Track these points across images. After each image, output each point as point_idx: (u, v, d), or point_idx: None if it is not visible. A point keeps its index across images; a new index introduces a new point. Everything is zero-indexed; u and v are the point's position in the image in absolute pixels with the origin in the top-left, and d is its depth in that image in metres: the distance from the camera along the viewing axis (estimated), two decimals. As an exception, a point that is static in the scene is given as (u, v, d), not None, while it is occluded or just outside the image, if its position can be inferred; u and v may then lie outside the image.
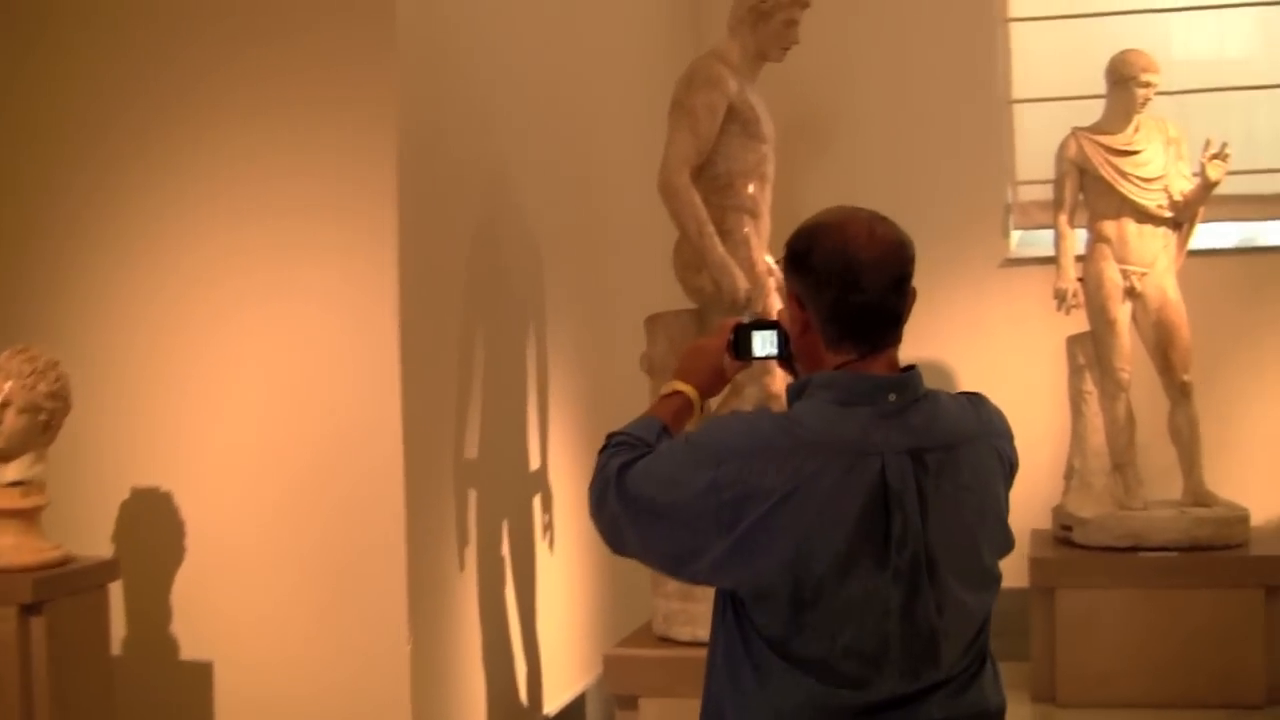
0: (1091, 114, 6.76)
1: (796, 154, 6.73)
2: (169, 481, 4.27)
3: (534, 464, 5.26)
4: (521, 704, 5.09)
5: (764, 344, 2.52)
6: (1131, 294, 6.59)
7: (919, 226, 2.32)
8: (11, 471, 3.72)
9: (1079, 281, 6.67)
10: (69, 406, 3.80)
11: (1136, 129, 6.63)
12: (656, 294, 5.48)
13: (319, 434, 4.18)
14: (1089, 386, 6.70)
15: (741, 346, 2.55)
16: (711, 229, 4.79)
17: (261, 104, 4.22)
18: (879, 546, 2.16)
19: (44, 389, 3.69)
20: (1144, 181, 6.56)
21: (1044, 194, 7.06)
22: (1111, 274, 6.58)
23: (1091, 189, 6.66)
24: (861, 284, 2.22)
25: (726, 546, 2.18)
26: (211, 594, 4.24)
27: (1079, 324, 6.72)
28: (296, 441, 4.20)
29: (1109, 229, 6.61)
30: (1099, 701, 6.24)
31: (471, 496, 4.69)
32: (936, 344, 7.02)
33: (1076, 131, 6.69)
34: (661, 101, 4.98)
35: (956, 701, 2.23)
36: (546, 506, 5.30)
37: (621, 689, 4.91)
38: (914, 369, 2.29)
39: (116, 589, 4.01)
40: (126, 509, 4.28)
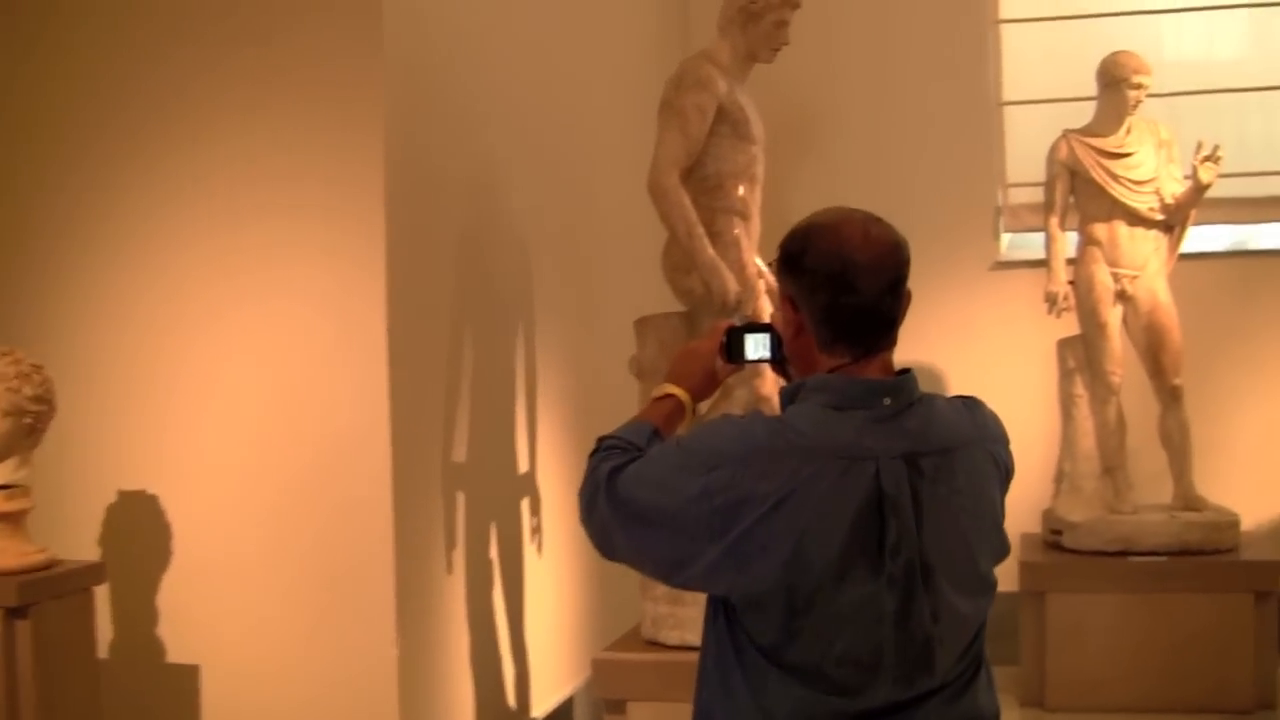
0: (1082, 116, 6.74)
1: (786, 156, 6.71)
2: (155, 484, 4.25)
3: (523, 467, 5.25)
4: (509, 707, 5.07)
5: (756, 347, 2.51)
6: (1122, 297, 6.58)
7: (909, 229, 2.30)
8: (-4, 475, 3.70)
9: (1070, 284, 6.65)
10: (54, 409, 3.77)
11: (1128, 131, 6.62)
12: (646, 296, 5.46)
13: (306, 436, 4.16)
14: (1079, 390, 6.69)
15: (734, 350, 2.54)
16: (701, 231, 4.77)
17: (250, 105, 4.20)
18: (873, 553, 2.13)
19: (28, 392, 3.67)
20: (1135, 184, 6.55)
21: (1035, 196, 7.03)
22: (1102, 277, 6.56)
23: (1082, 191, 6.65)
24: (856, 286, 2.20)
25: (718, 553, 2.15)
26: (198, 597, 4.22)
27: (1069, 327, 6.71)
28: (283, 443, 4.18)
29: (1100, 232, 6.60)
30: (1088, 706, 6.24)
31: (460, 499, 4.67)
32: (926, 347, 6.99)
33: (1067, 134, 6.67)
34: (651, 102, 4.96)
35: (951, 708, 2.21)
36: (535, 510, 5.29)
37: (610, 693, 4.89)
38: (909, 372, 2.27)
39: (103, 592, 4.00)
40: (113, 512, 4.26)
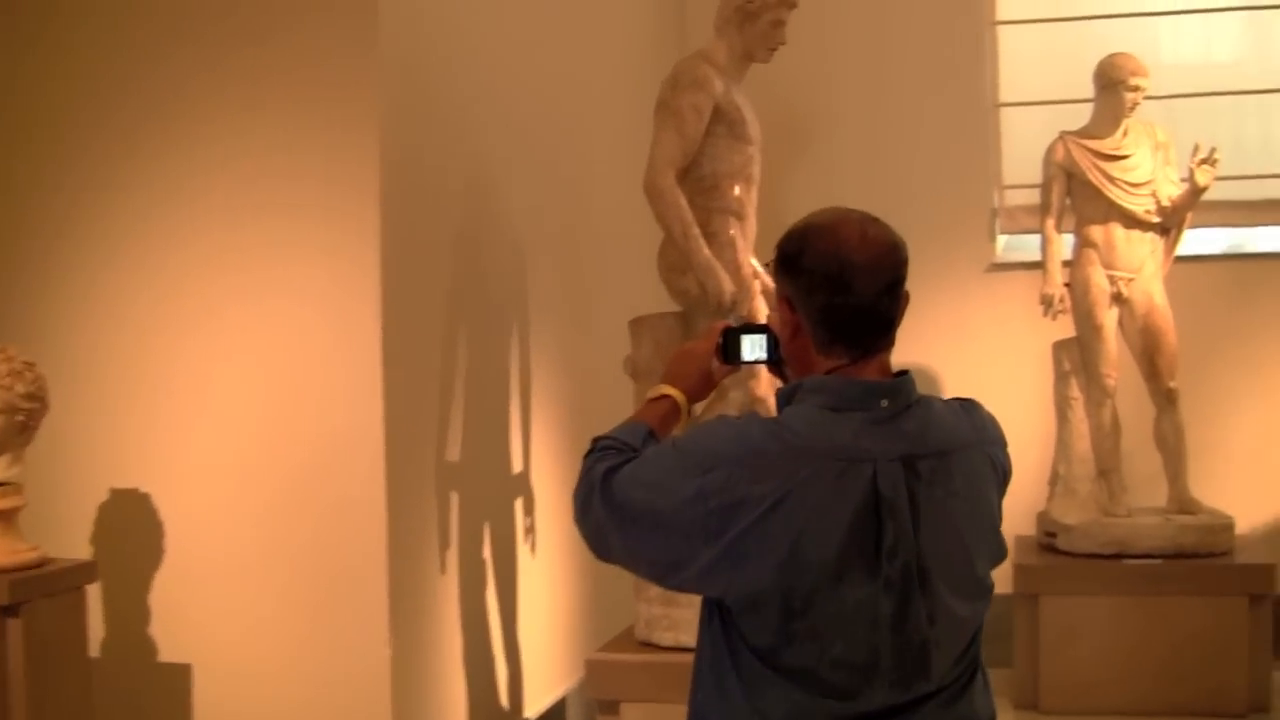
0: (1079, 118, 6.73)
1: (782, 156, 6.70)
2: (148, 483, 4.24)
3: (516, 467, 5.24)
4: (503, 708, 5.07)
5: (753, 348, 2.50)
6: (1118, 299, 6.57)
7: (905, 230, 2.29)
8: (-12, 473, 3.69)
9: (1065, 287, 6.64)
10: (46, 407, 3.76)
11: (1125, 133, 6.60)
12: (641, 296, 5.46)
13: (300, 435, 4.15)
14: (1075, 392, 6.68)
15: (730, 351, 2.52)
16: (697, 231, 4.76)
17: (246, 105, 4.20)
18: (870, 555, 2.12)
19: (21, 390, 3.65)
20: (1132, 186, 6.53)
21: (1031, 198, 7.03)
22: (1098, 279, 6.55)
23: (1079, 193, 6.63)
24: (854, 287, 2.18)
25: (714, 555, 2.14)
26: (190, 596, 4.21)
27: (1065, 329, 6.70)
28: (277, 442, 4.17)
29: (1096, 234, 6.58)
30: (1082, 709, 6.23)
31: (453, 499, 4.66)
32: (921, 349, 6.98)
33: (1064, 135, 6.66)
34: (647, 102, 4.95)
35: (947, 712, 2.20)
36: (529, 510, 5.28)
37: (603, 694, 4.89)
38: (907, 374, 2.26)
39: (95, 591, 4.00)
40: (105, 510, 4.25)
